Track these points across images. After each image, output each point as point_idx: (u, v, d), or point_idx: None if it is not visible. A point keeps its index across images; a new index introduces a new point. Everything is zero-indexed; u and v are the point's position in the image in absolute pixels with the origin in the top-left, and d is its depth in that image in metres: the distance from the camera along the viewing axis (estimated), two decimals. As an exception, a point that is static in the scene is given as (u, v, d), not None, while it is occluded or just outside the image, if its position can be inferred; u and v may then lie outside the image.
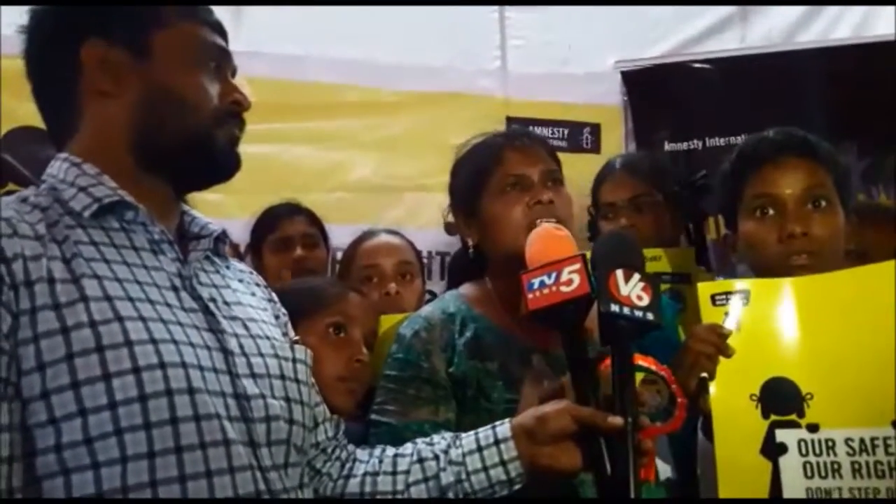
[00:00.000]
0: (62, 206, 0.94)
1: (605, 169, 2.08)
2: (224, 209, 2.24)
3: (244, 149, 1.05)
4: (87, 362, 0.84)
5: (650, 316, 1.07)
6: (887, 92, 2.47)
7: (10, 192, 2.46)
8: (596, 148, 2.84)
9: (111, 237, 0.94)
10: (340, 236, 2.23)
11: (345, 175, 2.75)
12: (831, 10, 2.97)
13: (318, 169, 2.73)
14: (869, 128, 2.55)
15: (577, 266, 1.10)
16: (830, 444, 1.17)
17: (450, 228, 2.04)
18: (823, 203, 1.36)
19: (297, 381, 1.04)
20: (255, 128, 1.10)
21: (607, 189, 2.01)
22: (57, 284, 0.86)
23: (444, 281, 2.38)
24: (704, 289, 1.30)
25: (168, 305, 0.93)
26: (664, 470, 1.33)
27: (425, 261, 2.57)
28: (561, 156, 1.53)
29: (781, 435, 1.19)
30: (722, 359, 1.23)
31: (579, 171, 2.10)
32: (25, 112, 2.40)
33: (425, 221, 2.55)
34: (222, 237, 1.07)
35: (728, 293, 1.27)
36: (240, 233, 2.19)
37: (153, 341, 0.87)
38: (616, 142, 2.85)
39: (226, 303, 1.01)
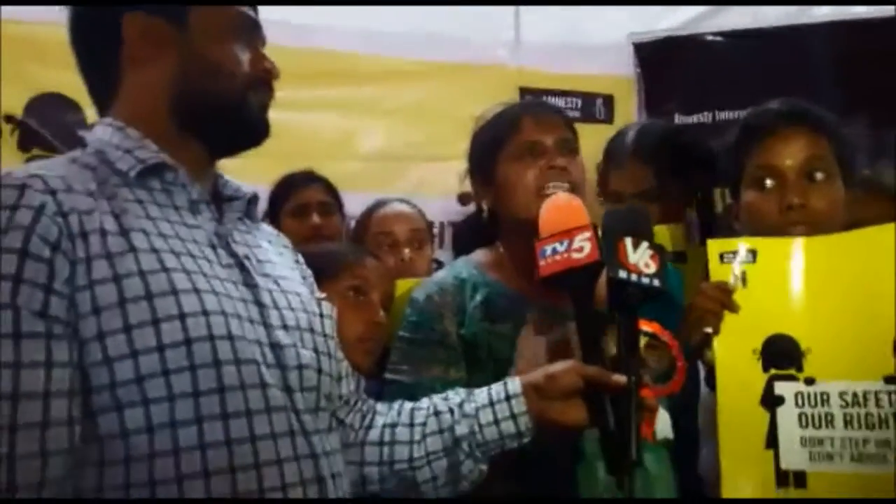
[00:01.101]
0: (109, 167, 1.00)
1: (616, 150, 2.00)
2: (242, 176, 2.30)
3: None
4: (137, 308, 0.90)
5: (657, 283, 1.13)
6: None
7: (35, 157, 2.55)
8: (609, 118, 2.88)
9: (154, 196, 1.00)
10: (355, 204, 2.28)
11: (359, 144, 2.80)
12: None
13: (333, 138, 2.78)
14: (882, 101, 2.56)
15: (588, 234, 1.16)
16: (825, 396, 1.23)
17: (463, 199, 2.09)
18: (823, 175, 1.39)
19: (324, 334, 1.10)
20: None
21: (616, 177, 1.96)
22: (108, 236, 0.92)
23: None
24: (713, 246, 1.34)
25: (207, 260, 0.99)
26: (663, 429, 1.39)
27: (436, 230, 2.63)
28: (574, 126, 1.56)
29: (780, 387, 1.25)
30: (727, 314, 1.28)
31: (593, 140, 2.13)
32: (48, 79, 2.50)
33: (438, 190, 2.59)
34: (254, 200, 1.13)
35: (735, 251, 1.32)
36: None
37: (196, 291, 0.93)
38: (628, 112, 2.88)
39: (259, 261, 1.07)
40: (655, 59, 2.89)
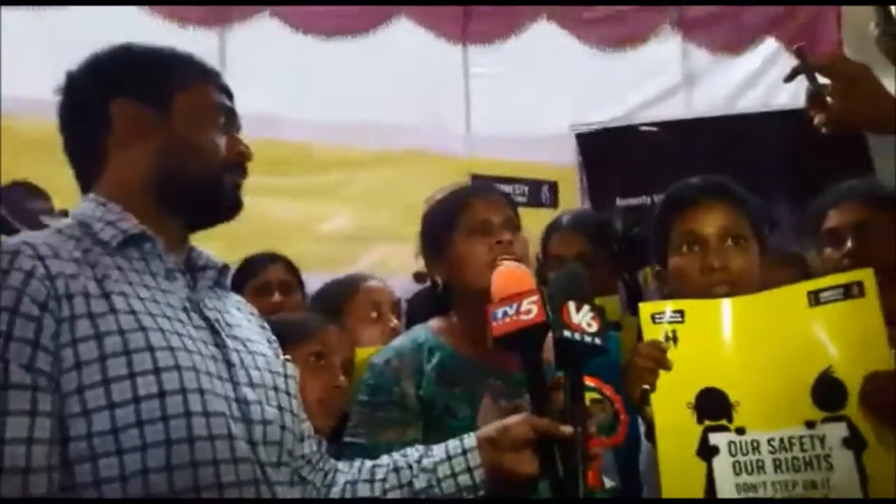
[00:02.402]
0: (92, 238, 1.07)
1: (554, 223, 2.27)
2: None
3: None
4: (115, 363, 0.96)
5: (598, 341, 1.21)
6: (819, 153, 2.72)
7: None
8: (554, 203, 3.07)
9: (133, 265, 1.08)
10: (314, 283, 2.35)
11: (319, 227, 2.94)
12: (769, 79, 3.25)
13: (293, 221, 2.90)
14: (803, 186, 2.78)
15: (535, 298, 1.24)
16: (755, 444, 1.31)
17: (418, 277, 2.21)
18: (740, 240, 1.53)
19: (287, 393, 1.17)
20: None
21: (556, 242, 2.20)
22: (91, 298, 0.99)
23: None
24: (645, 308, 1.43)
25: (181, 322, 1.06)
26: (609, 483, 1.46)
27: (394, 307, 2.73)
28: (521, 210, 1.70)
29: (714, 438, 1.32)
30: (662, 372, 1.36)
31: (539, 224, 2.30)
32: (18, 168, 2.58)
33: (395, 268, 2.71)
34: (224, 270, 1.22)
35: (664, 312, 1.41)
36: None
37: (170, 348, 1.01)
38: (572, 198, 3.07)
39: (228, 324, 1.15)
40: (596, 147, 3.09)
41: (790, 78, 1.45)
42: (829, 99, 1.42)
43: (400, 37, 3.15)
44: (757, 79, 3.22)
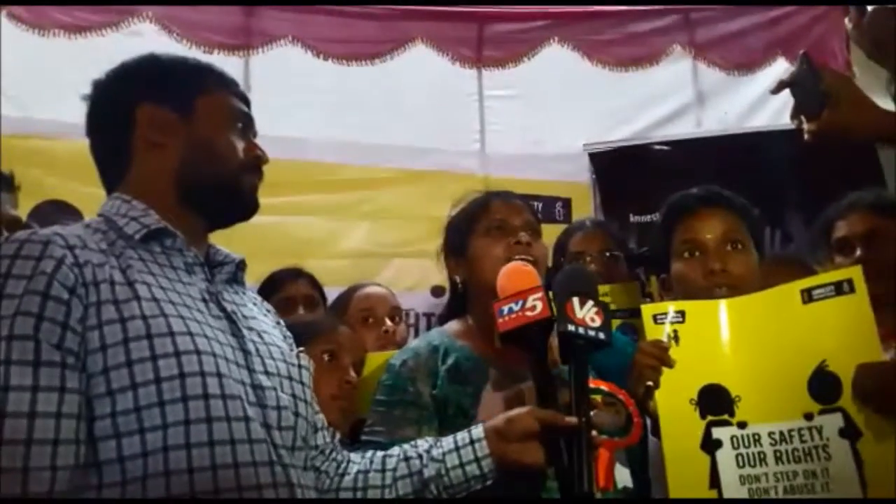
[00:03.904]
0: (116, 232, 1.14)
1: (577, 223, 2.32)
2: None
3: (251, 221, 1.23)
4: (138, 346, 1.02)
5: (601, 335, 1.26)
6: (831, 168, 2.75)
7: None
8: (567, 220, 3.10)
9: (155, 258, 1.14)
10: (336, 298, 2.44)
11: (340, 243, 3.02)
12: (780, 97, 3.27)
13: (316, 238, 2.99)
14: (816, 201, 2.80)
15: (540, 294, 1.29)
16: (757, 437, 1.35)
17: (436, 291, 2.27)
18: (739, 245, 1.59)
19: (301, 382, 1.22)
20: (261, 202, 1.26)
21: (578, 239, 2.24)
22: (116, 286, 1.05)
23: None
24: (647, 310, 1.50)
25: (200, 311, 1.12)
26: (622, 479, 1.46)
27: (412, 321, 2.79)
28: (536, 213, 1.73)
29: (717, 432, 1.37)
30: (665, 369, 1.42)
31: (552, 239, 2.34)
32: (52, 187, 2.70)
33: (412, 284, 2.79)
34: (241, 265, 1.28)
35: (666, 313, 1.47)
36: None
37: (190, 334, 1.07)
38: (586, 214, 3.07)
39: (244, 316, 1.21)
40: (609, 166, 3.14)
41: (776, 90, 1.50)
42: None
43: (417, 62, 3.26)
44: (768, 98, 3.26)
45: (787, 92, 1.47)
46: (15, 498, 0.93)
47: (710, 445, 1.37)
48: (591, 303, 1.28)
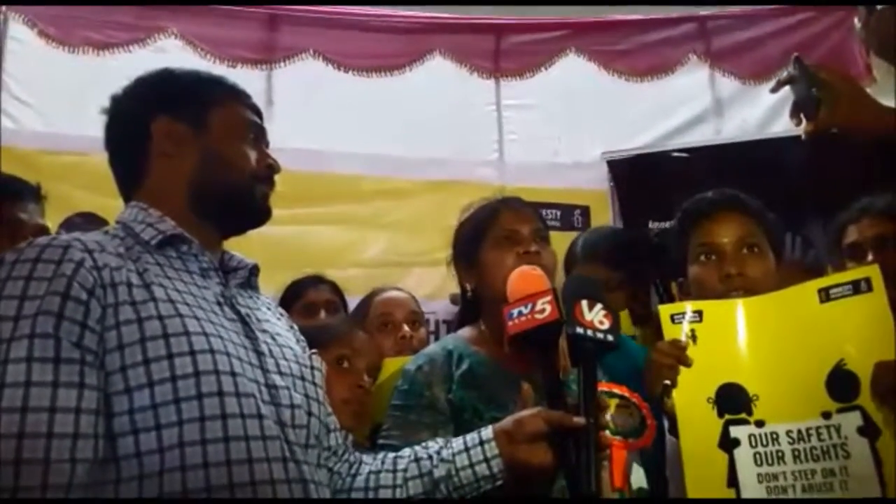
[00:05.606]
0: (134, 238, 1.18)
1: (568, 259, 2.23)
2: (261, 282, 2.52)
3: (274, 231, 1.26)
4: (155, 345, 1.05)
5: (610, 337, 1.25)
6: (848, 174, 2.73)
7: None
8: (586, 227, 3.08)
9: (171, 262, 1.18)
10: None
11: (360, 252, 3.05)
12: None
13: (337, 247, 3.03)
14: (834, 207, 2.78)
15: (549, 298, 1.29)
16: (774, 436, 1.35)
17: (454, 299, 2.27)
18: (755, 248, 1.59)
19: (314, 383, 1.25)
20: (282, 213, 1.30)
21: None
22: (133, 288, 1.08)
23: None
24: (665, 309, 1.50)
25: (215, 314, 1.15)
26: (638, 479, 1.46)
27: (431, 328, 2.80)
28: (554, 234, 1.73)
29: (734, 431, 1.38)
30: (682, 368, 1.42)
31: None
32: (81, 200, 2.77)
33: (431, 292, 2.80)
34: (255, 270, 1.30)
35: (683, 313, 1.48)
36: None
37: (205, 334, 1.09)
38: (604, 222, 3.11)
39: (258, 319, 1.23)
40: (627, 173, 3.14)
41: (776, 89, 1.51)
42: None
43: (436, 74, 3.29)
44: (785, 105, 3.23)
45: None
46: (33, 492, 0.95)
47: (727, 444, 1.37)
48: (599, 306, 1.29)
